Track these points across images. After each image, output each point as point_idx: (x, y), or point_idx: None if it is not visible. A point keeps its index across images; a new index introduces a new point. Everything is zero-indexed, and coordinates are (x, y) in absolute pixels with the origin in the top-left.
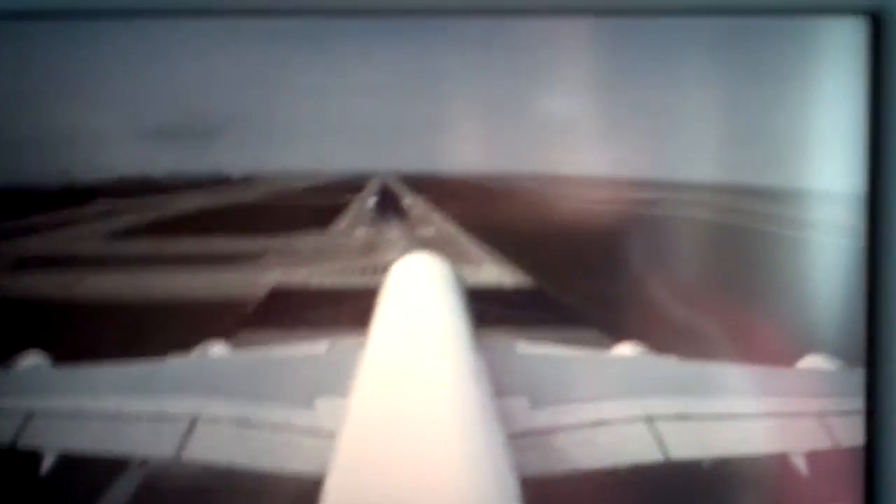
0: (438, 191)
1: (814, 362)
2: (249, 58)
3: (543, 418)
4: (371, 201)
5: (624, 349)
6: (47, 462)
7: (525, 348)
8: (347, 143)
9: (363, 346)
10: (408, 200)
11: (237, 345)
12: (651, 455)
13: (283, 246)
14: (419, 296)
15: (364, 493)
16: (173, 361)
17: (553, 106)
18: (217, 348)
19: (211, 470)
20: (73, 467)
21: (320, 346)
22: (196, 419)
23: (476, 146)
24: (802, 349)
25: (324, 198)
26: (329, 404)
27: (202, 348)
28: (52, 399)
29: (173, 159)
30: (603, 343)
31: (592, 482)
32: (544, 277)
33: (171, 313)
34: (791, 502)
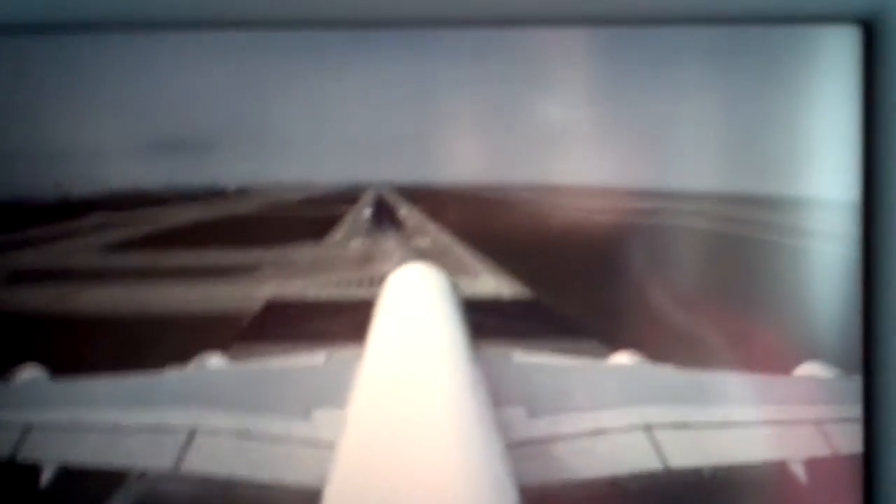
0: (434, 201)
1: (811, 370)
2: (244, 70)
3: (541, 428)
4: (366, 212)
5: (621, 358)
6: (46, 474)
7: (521, 357)
8: (342, 155)
9: (361, 357)
10: (403, 211)
11: (234, 357)
12: (650, 464)
13: (279, 258)
14: (415, 306)
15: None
16: (171, 373)
17: (549, 115)
18: (215, 360)
19: (210, 481)
20: (73, 479)
21: (318, 358)
22: (195, 431)
23: (472, 156)
24: (799, 357)
25: (319, 209)
26: (327, 415)
27: (199, 360)
28: (51, 412)
29: (168, 172)
30: (601, 353)
31: (591, 491)
32: (542, 288)
33: (167, 326)
34: None
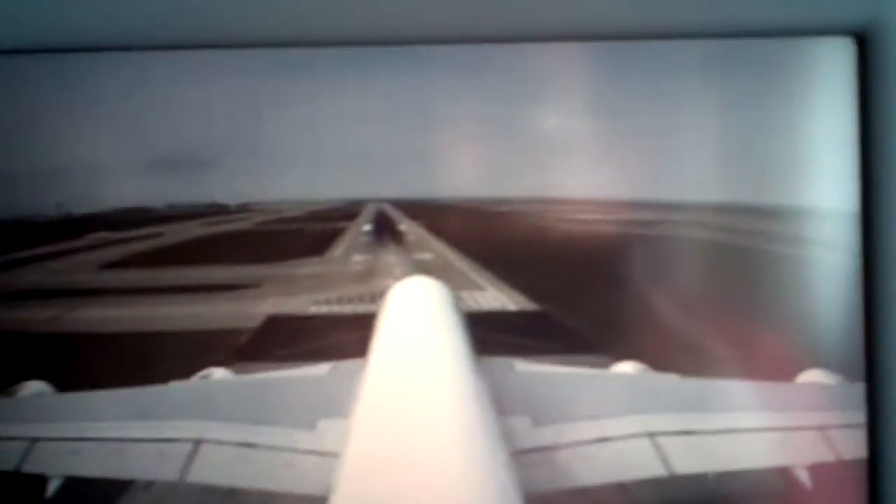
0: (435, 216)
1: (814, 377)
2: (242, 87)
3: (546, 436)
4: (367, 227)
5: (624, 367)
6: (53, 485)
7: (524, 366)
8: (342, 170)
9: (365, 368)
10: (404, 226)
11: (236, 373)
12: (655, 470)
13: (280, 274)
14: (418, 316)
15: None
16: (175, 386)
17: (548, 129)
18: (219, 372)
19: (215, 492)
20: (79, 490)
21: (322, 368)
22: (200, 442)
23: (472, 170)
24: (803, 365)
25: (319, 225)
26: (332, 425)
27: (204, 374)
28: (56, 425)
29: (168, 190)
30: (607, 364)
31: (597, 498)
32: (544, 300)
33: (169, 343)
34: None
